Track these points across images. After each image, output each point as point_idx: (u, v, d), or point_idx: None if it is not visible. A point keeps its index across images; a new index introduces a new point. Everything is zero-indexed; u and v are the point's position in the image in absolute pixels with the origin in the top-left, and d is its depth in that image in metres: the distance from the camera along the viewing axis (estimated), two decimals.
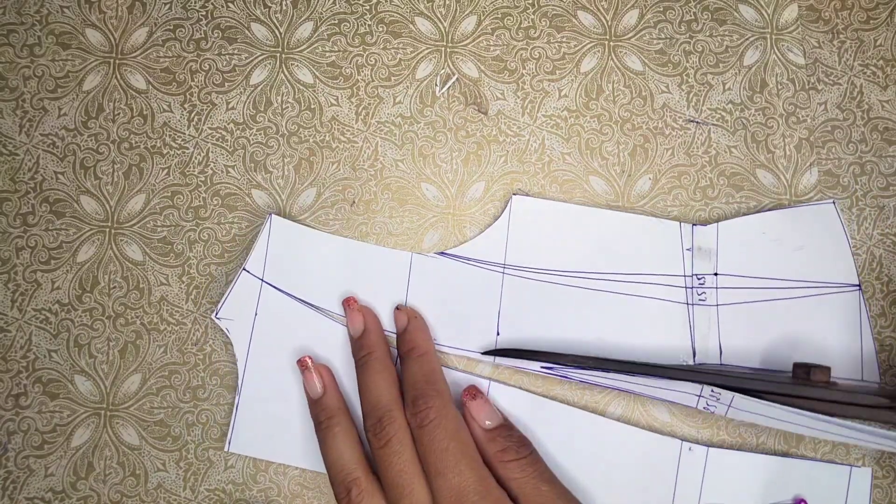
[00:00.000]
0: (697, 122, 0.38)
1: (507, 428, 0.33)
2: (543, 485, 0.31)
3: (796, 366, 0.33)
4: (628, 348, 0.36)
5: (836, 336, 0.36)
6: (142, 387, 0.37)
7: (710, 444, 0.36)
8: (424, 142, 0.38)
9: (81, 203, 0.38)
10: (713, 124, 0.38)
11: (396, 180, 0.38)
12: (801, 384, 0.32)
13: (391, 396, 0.33)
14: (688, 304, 0.36)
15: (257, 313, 0.36)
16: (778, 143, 0.38)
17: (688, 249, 0.36)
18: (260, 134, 0.38)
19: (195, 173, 0.38)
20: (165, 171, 0.38)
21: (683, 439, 0.36)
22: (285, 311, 0.36)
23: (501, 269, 0.36)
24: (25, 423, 0.37)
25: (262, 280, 0.36)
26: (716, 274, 0.36)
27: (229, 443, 0.36)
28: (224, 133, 0.38)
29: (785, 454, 0.36)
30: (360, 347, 0.35)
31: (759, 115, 0.38)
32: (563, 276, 0.36)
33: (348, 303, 0.36)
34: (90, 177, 0.38)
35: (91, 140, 0.38)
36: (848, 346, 0.36)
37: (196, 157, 0.38)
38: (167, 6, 0.38)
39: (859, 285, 0.36)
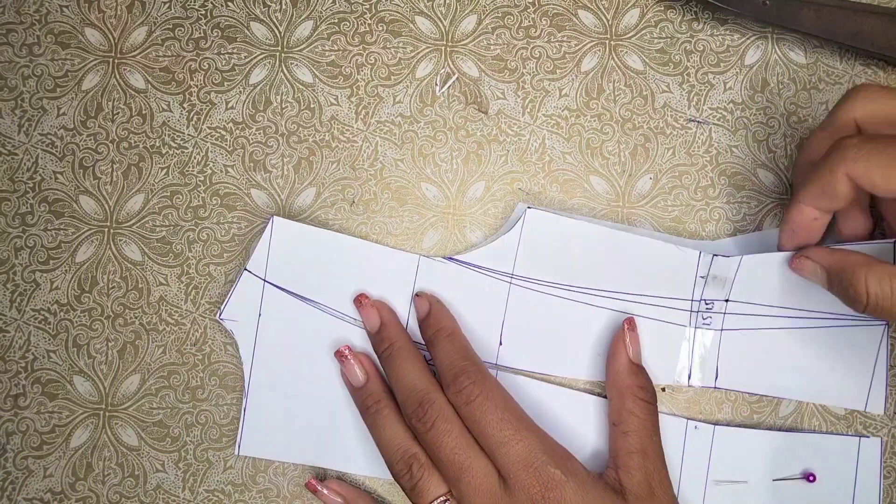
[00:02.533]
0: (698, 122, 0.38)
1: (645, 370, 0.34)
2: (656, 434, 0.33)
3: None
4: None
5: (842, 367, 0.35)
6: (141, 387, 0.37)
7: (715, 423, 0.36)
8: (424, 141, 0.38)
9: (80, 203, 0.37)
10: (714, 124, 0.38)
11: (396, 180, 0.38)
12: None
13: (425, 379, 0.33)
14: (689, 326, 0.36)
15: (261, 314, 0.36)
16: (779, 143, 0.38)
17: (702, 276, 0.36)
18: (259, 133, 0.38)
19: (194, 173, 0.38)
20: (164, 170, 0.38)
21: (689, 418, 0.36)
22: (290, 311, 0.36)
23: (509, 279, 0.36)
24: (24, 423, 0.37)
25: (264, 280, 0.36)
26: (727, 300, 0.36)
27: (239, 446, 0.36)
28: (223, 133, 0.38)
29: (791, 429, 0.36)
30: (380, 341, 0.35)
31: (760, 114, 0.38)
32: (570, 290, 0.36)
33: (360, 300, 0.36)
34: (89, 176, 0.38)
35: (90, 140, 0.38)
36: (854, 379, 0.35)
37: (195, 157, 0.38)
38: (166, 5, 0.38)
39: (887, 322, 0.35)
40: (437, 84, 0.38)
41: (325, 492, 0.35)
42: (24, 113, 0.38)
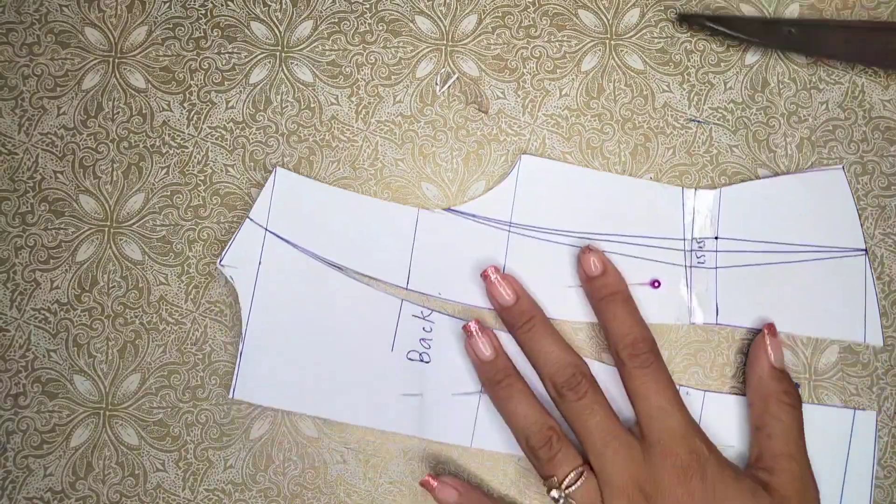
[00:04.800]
0: (699, 122, 0.38)
1: (788, 374, 0.35)
2: (802, 438, 0.34)
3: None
4: None
5: (838, 299, 0.36)
6: (141, 386, 0.37)
7: (706, 389, 0.36)
8: (425, 141, 0.38)
9: (80, 202, 0.37)
10: (714, 123, 0.38)
11: (396, 180, 0.38)
12: None
13: (573, 352, 0.34)
14: (686, 266, 0.37)
15: (261, 262, 0.37)
16: (779, 143, 0.38)
17: (689, 214, 0.37)
18: (259, 133, 0.38)
19: (194, 172, 0.38)
20: (165, 170, 0.38)
21: (681, 385, 0.36)
22: (290, 261, 0.37)
23: (507, 228, 0.37)
24: (24, 422, 0.37)
25: (265, 229, 0.37)
26: (716, 238, 0.37)
27: (234, 390, 0.36)
28: (223, 132, 0.38)
29: None
30: (519, 314, 0.35)
31: (760, 114, 0.38)
32: (567, 236, 0.37)
33: (487, 274, 0.36)
34: (89, 176, 0.38)
35: (90, 139, 0.38)
36: (850, 310, 0.36)
37: (195, 157, 0.38)
38: (166, 5, 0.38)
39: (865, 250, 0.36)
40: (437, 84, 0.38)
41: (442, 486, 0.34)
42: (24, 112, 0.38)
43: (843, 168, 0.37)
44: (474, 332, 0.35)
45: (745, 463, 0.35)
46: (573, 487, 0.32)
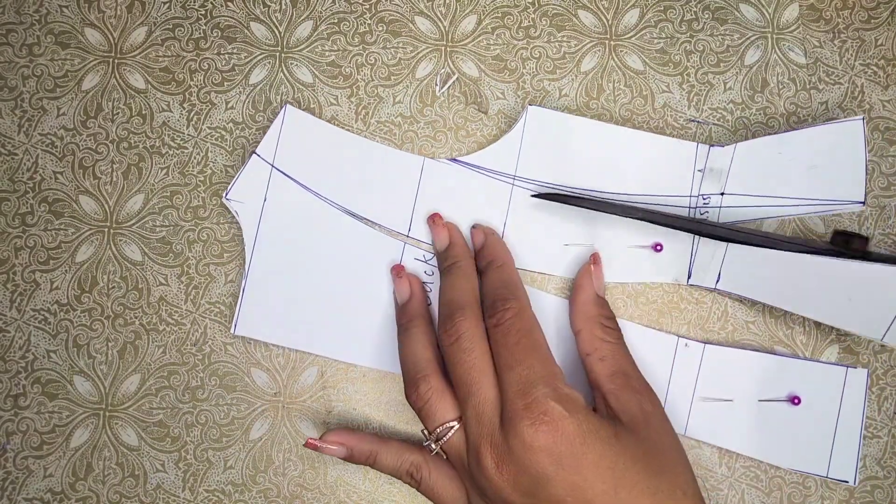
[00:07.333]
0: (698, 122, 0.38)
1: (608, 303, 0.35)
2: (631, 358, 0.34)
3: (836, 233, 0.34)
4: (628, 265, 0.37)
5: (862, 297, 0.34)
6: (141, 387, 0.37)
7: (706, 342, 0.36)
8: (424, 141, 0.38)
9: (80, 203, 0.37)
10: (714, 124, 0.38)
11: None
12: (838, 251, 0.33)
13: (468, 298, 0.33)
14: (693, 232, 0.36)
15: (266, 199, 0.37)
16: None
17: (699, 170, 0.36)
18: (259, 134, 0.38)
19: (194, 173, 0.38)
20: (164, 170, 0.38)
21: (679, 335, 0.36)
22: (295, 199, 0.37)
23: (511, 181, 0.37)
24: (24, 423, 0.37)
25: (272, 165, 0.37)
26: (722, 194, 0.36)
27: (235, 325, 0.36)
28: (223, 132, 0.38)
29: (780, 353, 0.37)
30: (446, 258, 0.35)
31: (759, 114, 0.38)
32: (570, 192, 0.37)
33: (434, 219, 0.36)
34: (89, 176, 0.38)
35: (90, 140, 0.38)
36: (872, 312, 0.34)
37: (195, 157, 0.38)
38: (166, 5, 0.38)
39: (864, 202, 0.35)
40: (437, 84, 0.38)
41: (327, 446, 0.33)
42: (24, 113, 0.38)
43: (862, 120, 0.35)
44: (400, 276, 0.36)
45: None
46: (443, 441, 0.31)
